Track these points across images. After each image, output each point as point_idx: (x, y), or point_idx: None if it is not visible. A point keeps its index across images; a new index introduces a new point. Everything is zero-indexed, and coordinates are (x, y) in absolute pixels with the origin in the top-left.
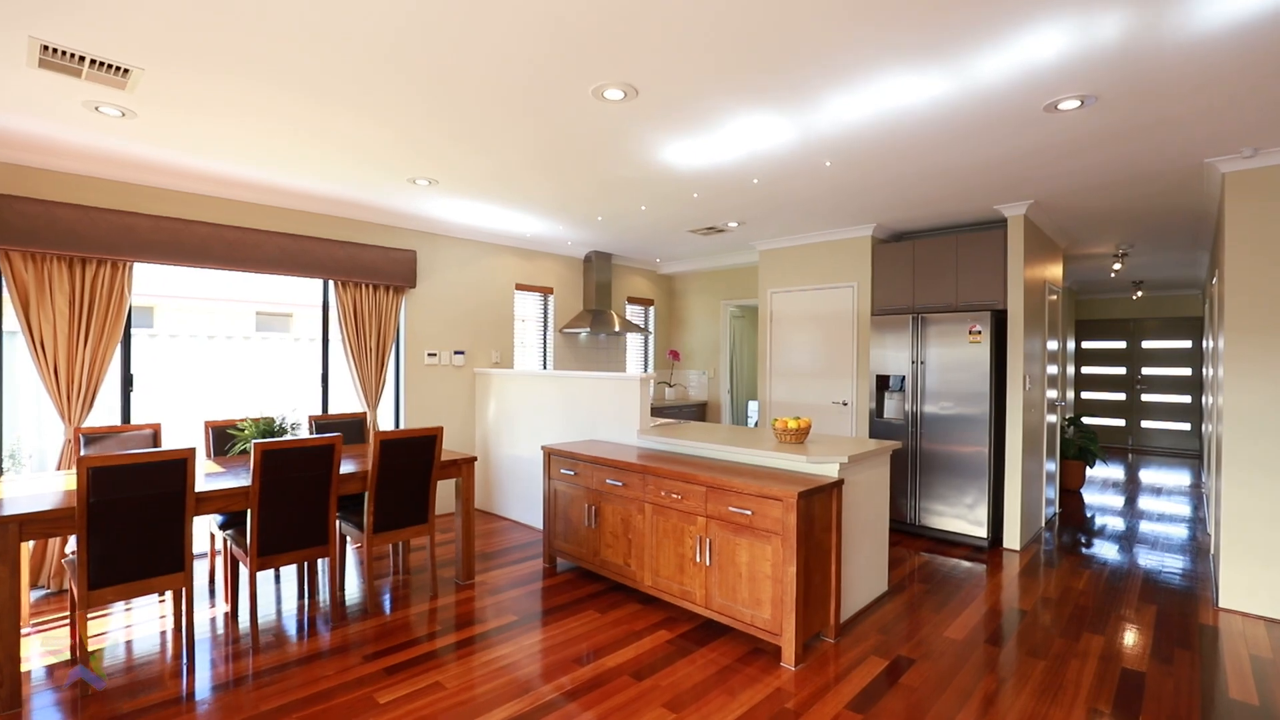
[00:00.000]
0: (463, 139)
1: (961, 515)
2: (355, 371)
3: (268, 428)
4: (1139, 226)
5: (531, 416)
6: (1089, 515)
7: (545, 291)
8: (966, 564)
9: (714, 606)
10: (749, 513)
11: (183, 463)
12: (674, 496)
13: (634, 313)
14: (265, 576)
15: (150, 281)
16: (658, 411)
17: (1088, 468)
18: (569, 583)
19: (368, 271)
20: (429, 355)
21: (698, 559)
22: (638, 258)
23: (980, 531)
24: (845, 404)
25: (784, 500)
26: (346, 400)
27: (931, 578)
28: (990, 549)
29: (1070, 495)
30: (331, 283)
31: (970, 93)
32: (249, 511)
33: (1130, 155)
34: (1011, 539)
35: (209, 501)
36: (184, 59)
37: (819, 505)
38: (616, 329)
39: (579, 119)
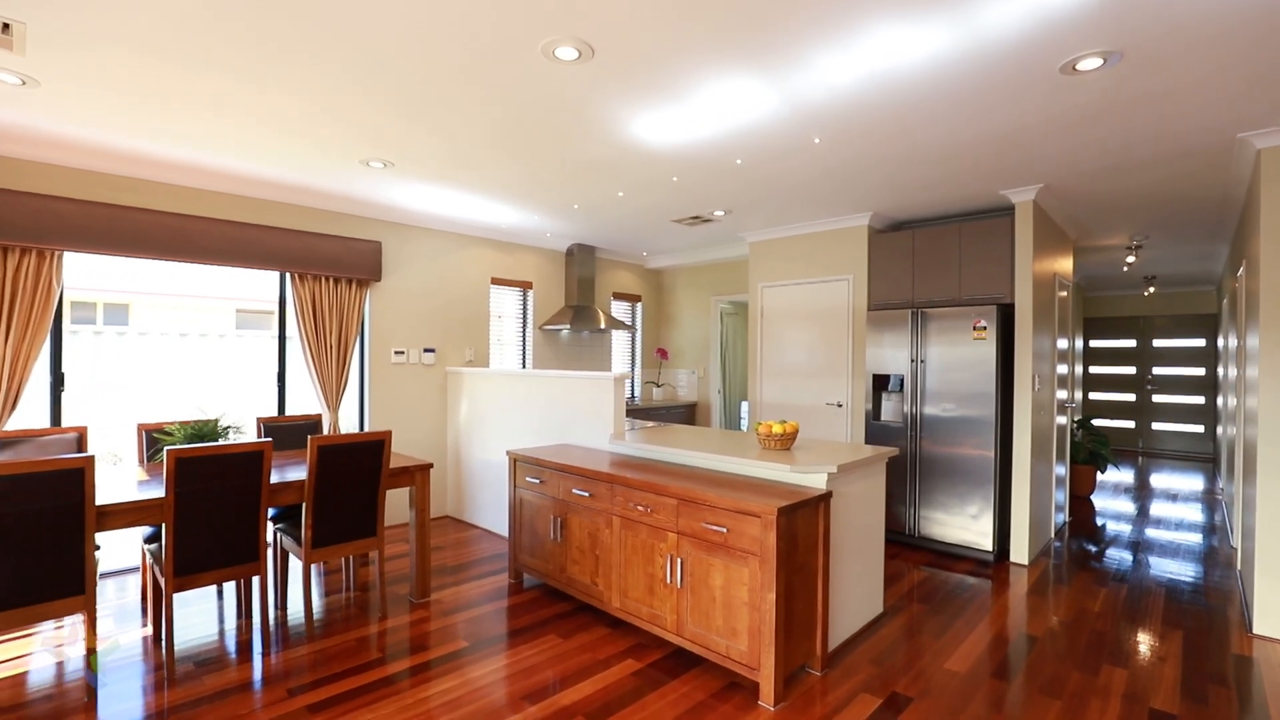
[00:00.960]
0: (404, 115)
1: (965, 526)
2: (314, 371)
3: (200, 431)
4: (1157, 214)
5: (504, 419)
6: (1101, 524)
7: (524, 286)
8: (970, 580)
9: (686, 634)
10: (723, 530)
11: (79, 472)
12: (642, 510)
13: (620, 309)
14: (204, 594)
15: (125, 278)
16: (645, 413)
17: (1099, 473)
18: (534, 601)
19: (327, 263)
20: (396, 353)
21: (668, 580)
22: (623, 251)
23: (985, 544)
24: (840, 405)
25: (761, 517)
26: (310, 402)
27: (932, 597)
28: (996, 563)
29: (1081, 502)
30: (288, 276)
31: (977, 50)
32: (163, 526)
33: (1154, 127)
34: (1019, 552)
35: (116, 515)
36: (71, 15)
37: (803, 521)
38: (601, 326)
39: (530, 84)
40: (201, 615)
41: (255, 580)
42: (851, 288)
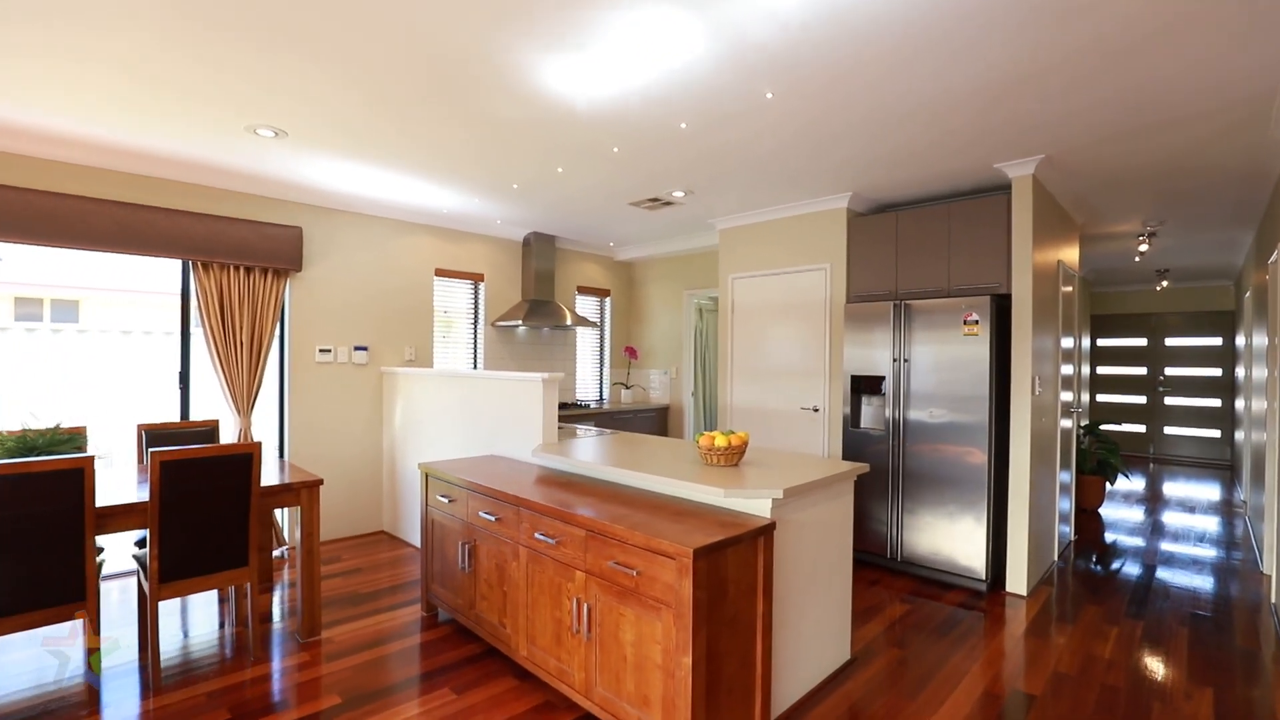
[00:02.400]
0: (279, 68)
1: (954, 549)
2: (221, 371)
3: (34, 443)
4: (1173, 193)
5: (436, 425)
6: (1111, 543)
7: (474, 279)
8: (960, 615)
9: (595, 698)
10: (634, 572)
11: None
12: (549, 541)
13: (587, 304)
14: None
15: (78, 273)
16: (610, 418)
17: (1108, 484)
18: (443, 641)
19: (236, 251)
20: (321, 351)
21: (575, 629)
22: (588, 241)
23: (978, 569)
24: (816, 410)
25: (676, 559)
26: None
27: (912, 638)
28: (990, 592)
29: (1088, 516)
30: (191, 264)
31: None
32: None
33: (1177, 75)
34: (1017, 579)
35: None
36: None
37: (735, 562)
38: (566, 322)
39: (412, 23)
40: (33, 664)
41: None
42: (829, 277)
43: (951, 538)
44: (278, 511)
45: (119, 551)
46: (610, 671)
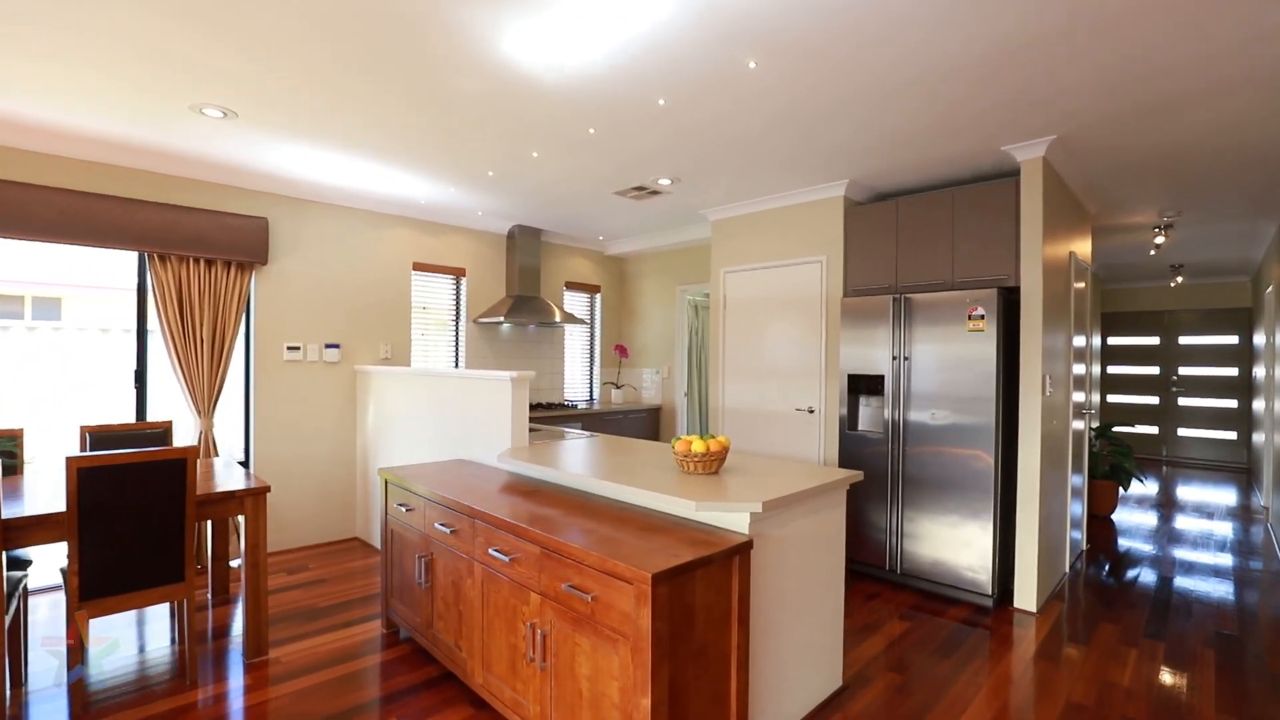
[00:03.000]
0: (223, 40)
1: (958, 561)
2: (179, 370)
3: None
4: (1194, 178)
5: (407, 426)
6: (1126, 551)
7: (456, 273)
8: (964, 632)
9: None
10: (589, 597)
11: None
12: (503, 558)
13: (577, 300)
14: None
15: (58, 269)
16: (599, 419)
17: (1121, 489)
18: (400, 663)
19: (195, 242)
20: (290, 349)
21: (530, 656)
22: (577, 235)
23: (983, 583)
24: (812, 411)
25: (633, 584)
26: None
27: (911, 660)
28: (997, 608)
29: (1100, 523)
30: (147, 257)
31: None
32: None
33: (1203, 39)
34: (1026, 594)
35: None
36: None
37: (704, 587)
38: (554, 319)
39: None
40: None
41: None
42: (825, 270)
43: (955, 548)
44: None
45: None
46: (566, 707)
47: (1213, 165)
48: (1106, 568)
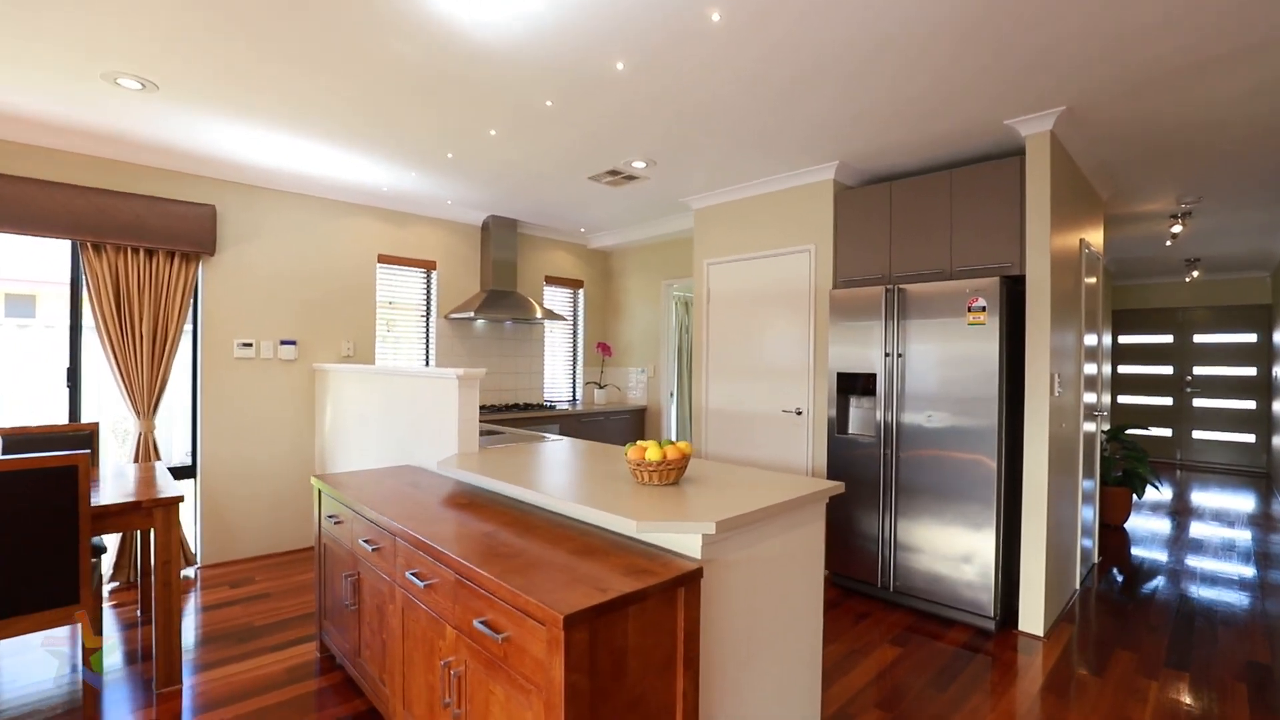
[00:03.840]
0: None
1: (957, 578)
2: (116, 368)
3: None
4: (1217, 160)
5: (361, 429)
6: (1140, 564)
7: (425, 266)
8: (962, 659)
9: None
10: (500, 637)
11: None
12: (420, 583)
13: (559, 296)
14: None
15: (31, 265)
16: (575, 421)
17: (1135, 495)
18: (331, 693)
19: (133, 231)
20: (241, 346)
21: (445, 700)
22: (556, 226)
23: (984, 603)
24: (800, 413)
25: (545, 626)
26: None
27: (902, 695)
28: (1000, 631)
29: (1113, 533)
30: (79, 246)
31: None
32: None
33: None
34: (1032, 616)
35: None
36: None
37: (639, 626)
38: (535, 316)
39: None
40: None
41: None
42: (814, 260)
43: (953, 564)
44: (186, 525)
45: None
46: None
47: (1238, 140)
48: (1120, 582)
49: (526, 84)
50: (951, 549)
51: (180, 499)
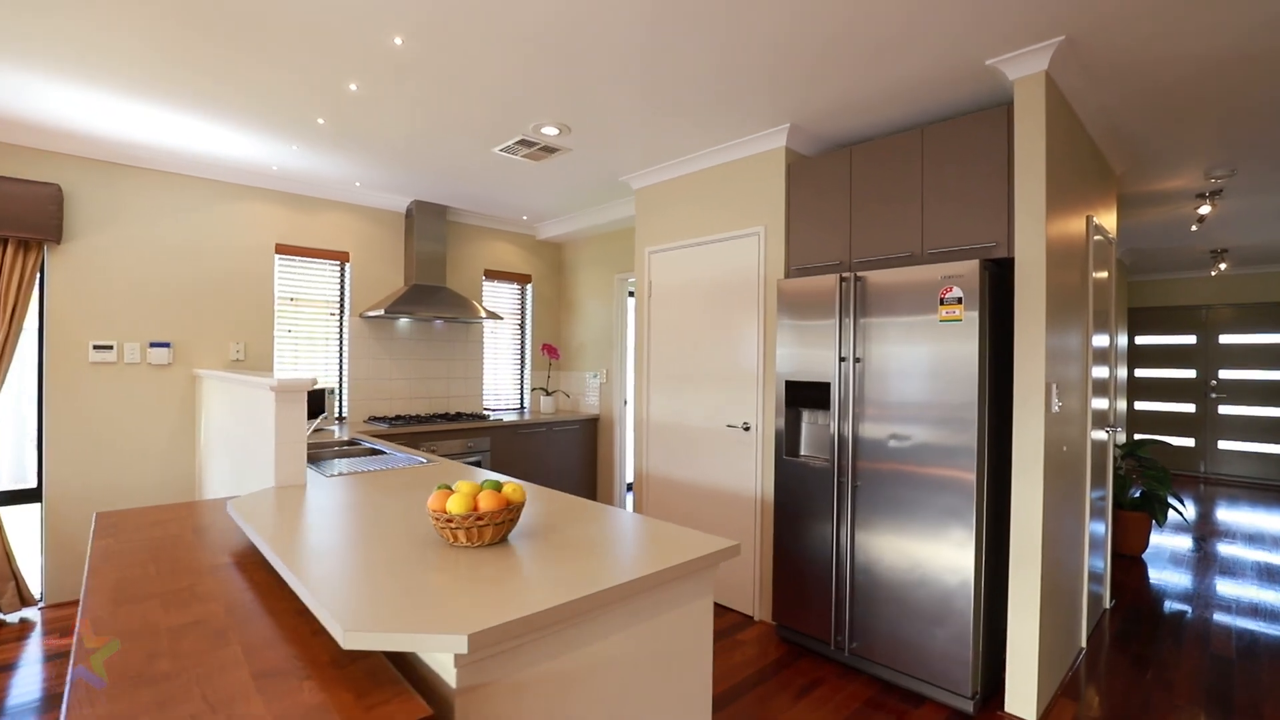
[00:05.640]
0: None
1: (925, 643)
2: None
3: None
4: (1255, 116)
5: (222, 448)
6: (1163, 609)
7: (337, 258)
8: None
9: None
10: None
11: None
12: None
13: (500, 292)
14: None
15: None
16: (510, 433)
17: (1155, 523)
18: None
19: None
20: (98, 349)
21: None
22: (494, 213)
23: (960, 678)
24: (747, 428)
25: None
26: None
27: None
28: (981, 712)
29: (1129, 566)
30: None
31: None
32: None
33: None
34: (1022, 693)
35: None
36: None
37: None
38: (471, 315)
39: None
40: None
41: None
42: (764, 244)
43: (922, 623)
44: (18, 551)
45: None
46: None
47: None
48: (1138, 636)
49: (360, 11)
50: (919, 604)
51: None
